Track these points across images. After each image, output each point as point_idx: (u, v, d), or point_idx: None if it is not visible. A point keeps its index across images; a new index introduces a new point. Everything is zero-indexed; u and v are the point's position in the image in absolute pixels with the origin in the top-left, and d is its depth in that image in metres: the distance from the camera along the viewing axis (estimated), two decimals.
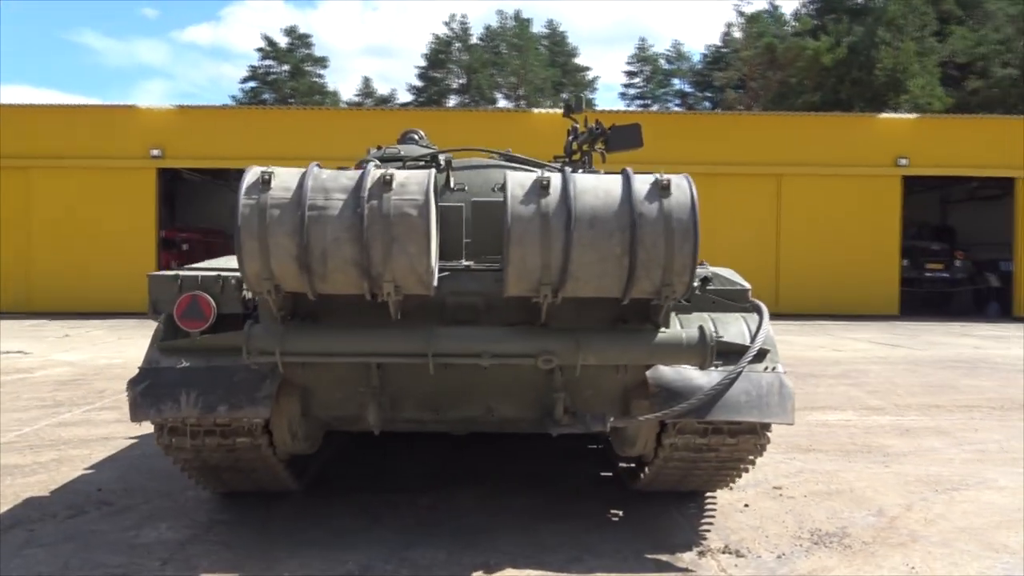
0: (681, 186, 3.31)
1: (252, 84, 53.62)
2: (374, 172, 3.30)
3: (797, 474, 5.19)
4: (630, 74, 75.82)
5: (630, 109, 35.81)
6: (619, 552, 3.78)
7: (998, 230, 20.16)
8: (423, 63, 60.16)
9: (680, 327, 3.68)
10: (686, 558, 3.72)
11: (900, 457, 5.67)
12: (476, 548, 3.79)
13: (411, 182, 3.28)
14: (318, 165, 3.38)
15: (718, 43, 66.85)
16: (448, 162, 5.15)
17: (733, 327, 3.82)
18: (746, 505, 4.51)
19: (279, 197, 3.24)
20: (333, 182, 3.29)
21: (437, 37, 58.08)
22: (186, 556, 3.68)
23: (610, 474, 5.13)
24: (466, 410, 3.89)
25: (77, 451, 5.59)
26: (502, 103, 56.24)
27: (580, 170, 4.65)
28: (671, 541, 3.94)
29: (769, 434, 3.91)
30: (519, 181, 3.32)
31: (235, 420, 3.66)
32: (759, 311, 3.88)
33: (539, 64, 59.55)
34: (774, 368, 3.77)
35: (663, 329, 3.57)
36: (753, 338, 3.72)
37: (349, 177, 3.31)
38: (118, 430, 6.21)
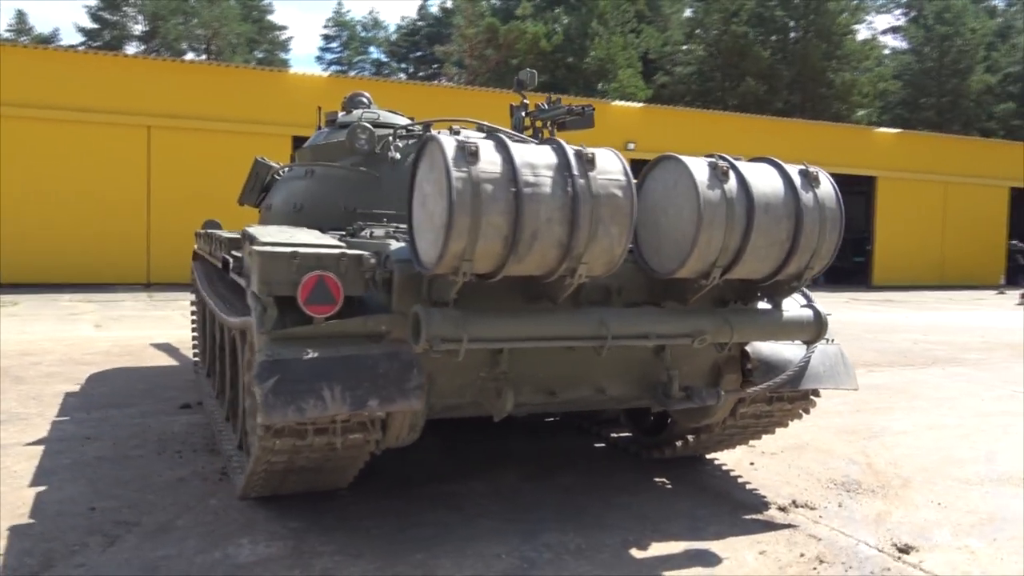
0: (825, 177, 3.62)
1: None
2: (571, 149, 3.16)
3: None
4: (327, 38, 74.33)
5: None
6: (715, 516, 4.04)
7: None
8: (95, 2, 53.41)
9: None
10: (773, 514, 4.09)
11: None
12: (590, 526, 3.81)
13: (609, 161, 3.20)
14: (502, 136, 3.15)
15: (415, 16, 68.10)
16: (457, 133, 4.99)
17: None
18: (752, 463, 5.00)
19: (490, 172, 2.98)
20: (536, 157, 3.09)
21: None
22: (322, 568, 3.25)
23: (603, 444, 5.34)
24: (580, 391, 3.87)
25: None
26: (190, 56, 51.93)
27: None
28: (738, 501, 4.29)
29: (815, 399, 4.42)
30: (700, 167, 3.39)
31: (374, 415, 3.30)
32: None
33: (233, 17, 55.88)
34: (832, 340, 4.26)
35: (785, 308, 3.86)
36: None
37: (547, 153, 3.13)
38: (10, 435, 5.06)
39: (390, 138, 4.95)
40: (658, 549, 3.59)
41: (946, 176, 26.89)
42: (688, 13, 42.07)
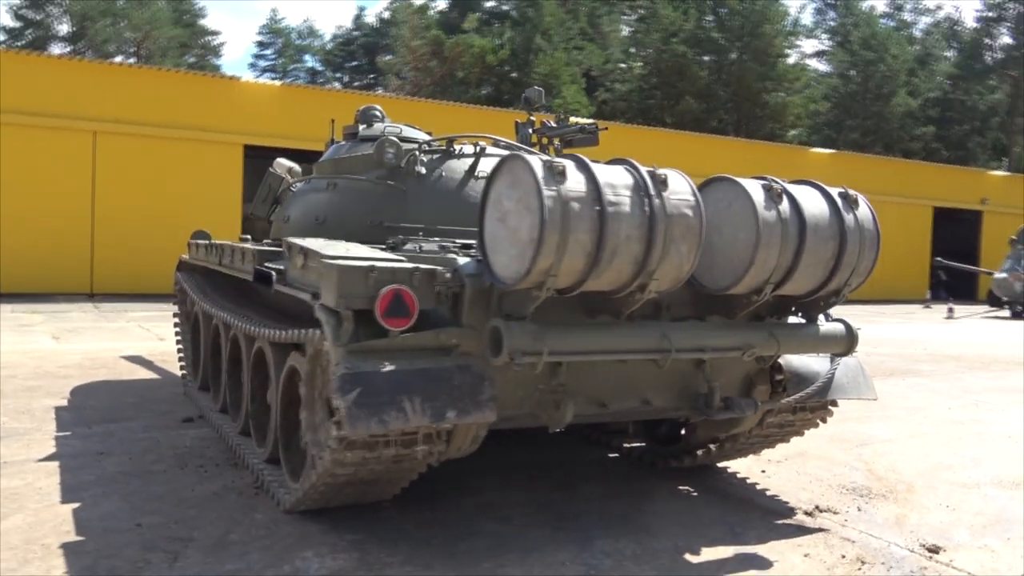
0: (863, 201, 3.85)
1: None
2: (645, 169, 3.29)
3: None
4: (261, 44, 73.20)
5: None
6: (747, 521, 4.21)
7: None
8: (19, 0, 51.51)
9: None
10: (802, 519, 4.29)
11: None
12: (637, 532, 3.93)
13: (679, 182, 3.35)
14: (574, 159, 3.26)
15: (351, 26, 67.73)
16: (482, 150, 5.10)
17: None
18: (763, 471, 5.21)
19: (576, 191, 3.10)
20: (615, 178, 3.22)
21: None
22: None
23: (616, 454, 5.48)
24: (628, 402, 3.99)
25: (8, 482, 4.34)
26: (119, 59, 50.44)
27: None
28: (764, 507, 4.47)
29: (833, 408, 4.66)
30: (755, 188, 3.57)
31: (452, 427, 3.37)
32: None
33: (164, 21, 54.64)
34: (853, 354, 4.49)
35: (820, 322, 4.07)
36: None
37: (624, 174, 3.26)
38: (15, 451, 4.90)
39: (417, 152, 5.00)
40: (709, 554, 3.74)
41: (875, 195, 27.87)
42: (626, 31, 43.07)
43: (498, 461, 5.10)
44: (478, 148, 5.17)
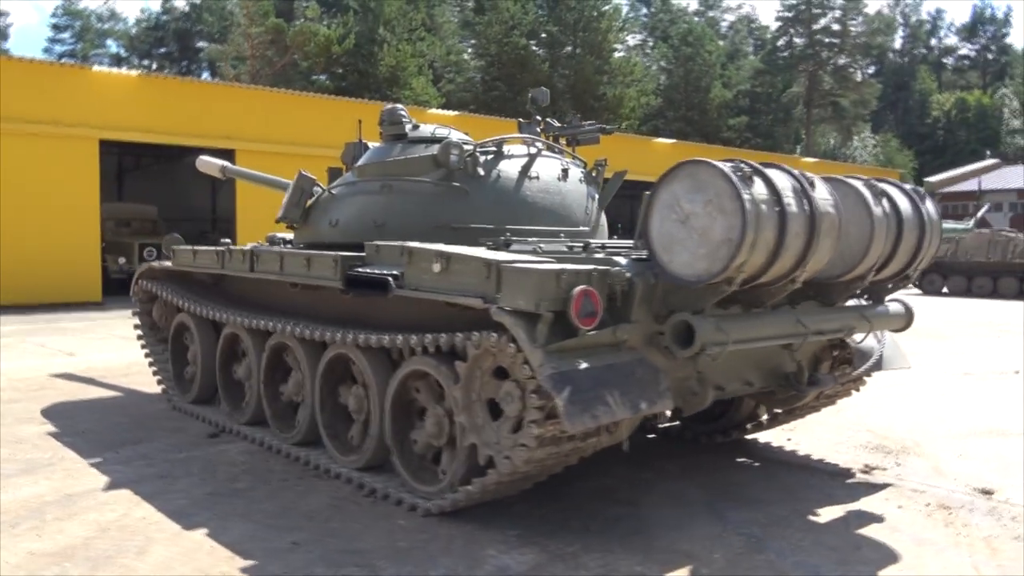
0: (929, 198, 4.41)
1: None
2: (798, 173, 3.64)
3: None
4: (57, 28, 67.19)
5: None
6: (825, 484, 4.70)
7: None
8: None
9: None
10: (864, 477, 4.84)
11: None
12: (752, 502, 4.30)
13: (821, 185, 3.73)
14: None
15: (158, 10, 63.58)
16: (538, 151, 5.29)
17: None
18: (788, 439, 5.76)
19: (763, 194, 3.40)
20: (782, 181, 3.55)
21: None
22: (598, 567, 3.45)
23: (653, 435, 5.83)
24: (736, 384, 4.33)
25: (101, 515, 4.03)
26: None
27: None
28: (824, 470, 4.99)
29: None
30: (862, 187, 4.02)
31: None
32: None
33: None
34: None
35: (886, 303, 4.61)
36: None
37: (787, 178, 3.59)
38: (66, 483, 4.52)
39: (477, 153, 5.08)
40: (827, 514, 4.18)
41: None
42: (454, 21, 43.40)
43: None
44: (531, 150, 5.31)
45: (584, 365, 3.42)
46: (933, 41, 77.12)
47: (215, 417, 5.99)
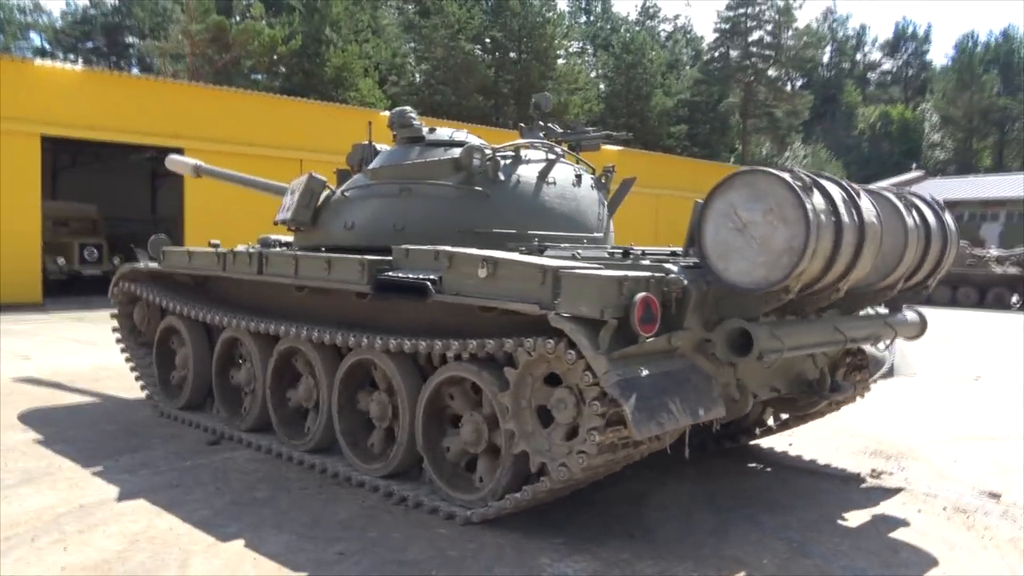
0: (945, 208, 4.56)
1: None
2: (846, 183, 3.72)
3: None
4: None
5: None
6: (840, 489, 4.81)
7: None
8: None
9: None
10: (875, 482, 4.97)
11: None
12: (777, 508, 4.37)
13: (864, 197, 3.82)
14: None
15: (85, 3, 61.30)
16: (558, 157, 5.29)
17: None
18: (790, 444, 5.87)
19: (821, 204, 3.46)
20: (835, 191, 3.61)
21: None
22: (655, 571, 3.45)
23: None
24: (765, 390, 4.39)
25: (123, 527, 3.84)
26: None
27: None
28: (835, 475, 5.11)
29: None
30: (895, 199, 4.13)
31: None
32: None
33: None
34: None
35: (904, 312, 4.74)
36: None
37: (838, 188, 3.66)
38: (73, 494, 4.29)
39: (498, 157, 5.04)
40: (857, 518, 4.28)
41: (658, 190, 30.72)
42: (395, 23, 43.02)
43: None
44: (549, 155, 5.30)
45: (645, 372, 3.43)
46: (858, 56, 79.96)
47: (211, 424, 5.79)
